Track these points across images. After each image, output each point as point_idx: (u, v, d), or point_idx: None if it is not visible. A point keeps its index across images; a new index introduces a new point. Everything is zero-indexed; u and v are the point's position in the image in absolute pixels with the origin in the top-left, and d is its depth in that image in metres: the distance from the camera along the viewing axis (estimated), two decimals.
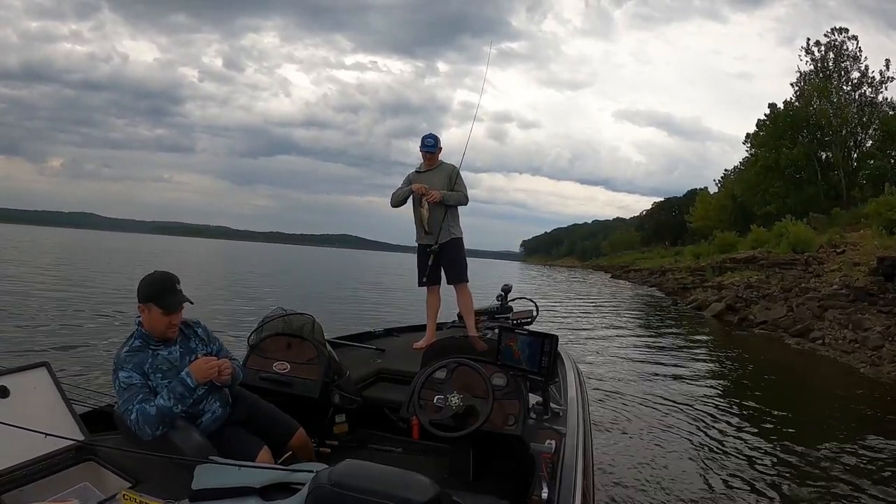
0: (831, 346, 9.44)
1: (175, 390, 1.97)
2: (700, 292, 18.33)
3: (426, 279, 4.13)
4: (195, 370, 2.03)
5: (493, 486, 2.28)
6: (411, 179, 4.13)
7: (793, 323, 11.19)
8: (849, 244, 16.82)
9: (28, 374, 2.05)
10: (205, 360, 2.08)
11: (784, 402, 6.24)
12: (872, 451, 4.58)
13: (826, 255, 16.38)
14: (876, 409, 6.08)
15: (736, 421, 5.41)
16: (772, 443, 4.74)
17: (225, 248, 78.32)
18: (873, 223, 17.51)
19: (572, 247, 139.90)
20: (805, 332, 10.49)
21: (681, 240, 52.36)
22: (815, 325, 10.62)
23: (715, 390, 6.74)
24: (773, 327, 11.65)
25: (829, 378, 8.02)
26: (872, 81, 34.17)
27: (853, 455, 4.45)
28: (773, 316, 12.13)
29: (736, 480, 3.89)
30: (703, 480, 3.88)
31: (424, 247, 4.11)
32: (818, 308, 11.33)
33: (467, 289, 4.14)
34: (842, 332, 9.76)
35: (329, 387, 2.76)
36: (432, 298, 4.19)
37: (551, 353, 2.28)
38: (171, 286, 2.08)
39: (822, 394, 7.12)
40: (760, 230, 24.61)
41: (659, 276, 30.56)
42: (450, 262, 4.11)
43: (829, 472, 4.08)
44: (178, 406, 1.96)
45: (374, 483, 1.25)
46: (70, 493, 1.82)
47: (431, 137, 4.07)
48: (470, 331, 3.95)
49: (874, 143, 33.60)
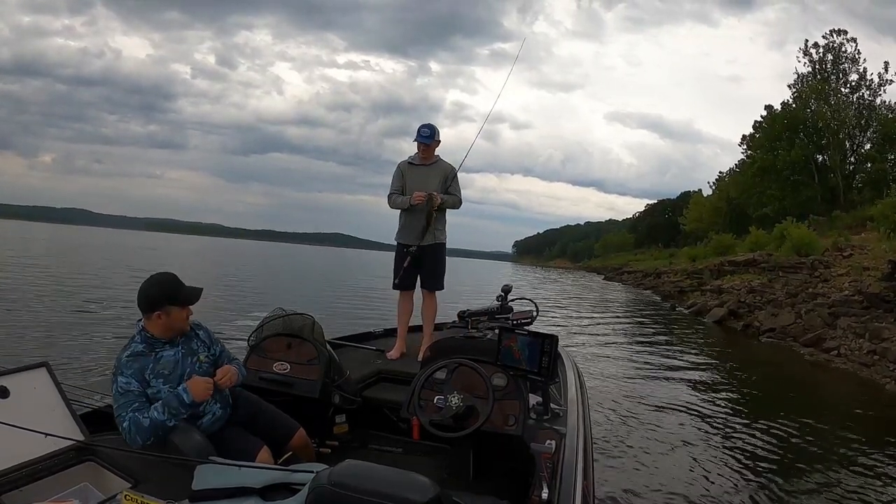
0: (848, 358, 8.87)
1: (170, 404, 1.97)
2: (699, 296, 18.07)
3: (398, 282, 3.85)
4: (193, 389, 2.03)
5: (493, 486, 2.28)
6: (403, 172, 3.83)
7: (803, 331, 10.66)
8: (855, 247, 16.41)
9: (28, 375, 2.04)
10: (205, 381, 2.08)
11: (801, 420, 5.65)
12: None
13: (833, 259, 15.82)
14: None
15: (744, 435, 5.11)
16: (784, 460, 4.47)
17: (217, 246, 77.43)
18: (879, 225, 17.06)
19: (564, 248, 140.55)
20: (817, 342, 9.95)
21: (674, 242, 52.26)
22: (828, 333, 10.08)
23: (721, 402, 6.39)
24: (782, 335, 11.11)
25: (851, 395, 7.22)
26: (871, 84, 34.30)
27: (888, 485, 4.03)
28: (781, 323, 11.59)
29: (743, 494, 3.77)
30: (706, 488, 3.83)
31: (404, 246, 3.82)
32: (829, 315, 10.77)
33: (436, 298, 3.93)
34: (858, 343, 9.19)
35: (329, 387, 2.76)
36: (405, 304, 3.94)
37: (551, 354, 2.28)
38: (178, 281, 2.12)
39: (845, 413, 6.26)
40: (759, 232, 24.20)
41: (654, 279, 30.15)
42: (430, 268, 3.85)
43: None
44: (171, 420, 1.96)
45: (375, 483, 1.25)
46: (70, 493, 1.81)
47: (428, 127, 3.70)
48: (427, 340, 3.71)
49: (873, 146, 33.63)
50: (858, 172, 34.33)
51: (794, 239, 18.51)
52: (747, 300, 14.41)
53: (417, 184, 3.78)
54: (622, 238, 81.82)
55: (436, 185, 3.77)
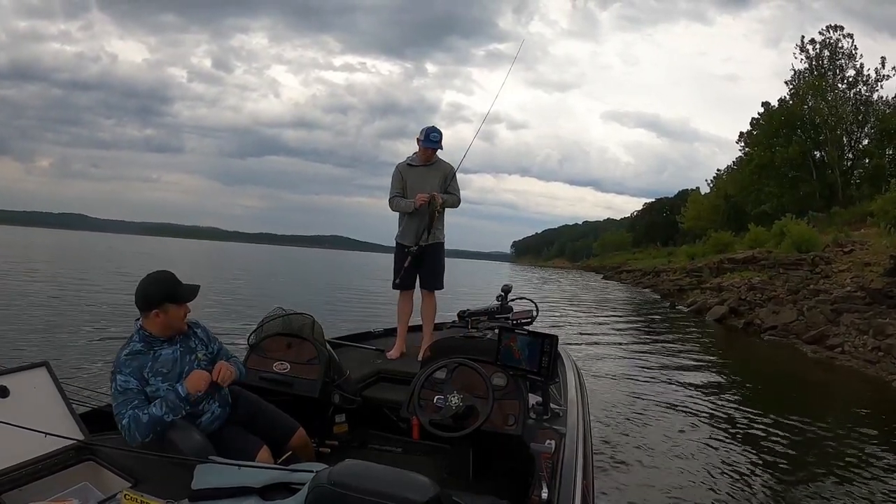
0: (852, 355, 8.74)
1: (168, 399, 1.98)
2: (698, 294, 17.94)
3: (399, 282, 3.83)
4: (188, 381, 2.04)
5: (493, 486, 2.28)
6: (402, 173, 3.79)
7: (806, 328, 10.45)
8: (856, 243, 16.23)
9: (28, 374, 2.04)
10: (200, 373, 2.08)
11: (807, 418, 5.51)
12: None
13: (833, 255, 15.62)
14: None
15: (749, 434, 5.05)
16: (790, 460, 4.40)
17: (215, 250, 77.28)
18: (880, 221, 17.00)
19: (562, 248, 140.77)
20: (820, 339, 9.78)
21: (672, 240, 52.26)
22: (831, 330, 9.92)
23: (724, 401, 6.26)
24: (784, 333, 10.88)
25: (858, 393, 7.09)
26: (868, 80, 34.27)
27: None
28: (783, 320, 11.36)
29: (747, 493, 3.73)
30: (708, 488, 3.79)
31: (404, 246, 3.81)
32: (832, 312, 10.67)
33: (435, 297, 3.92)
34: (862, 339, 9.06)
35: (329, 387, 2.76)
36: (405, 304, 3.93)
37: (551, 354, 2.28)
38: (175, 280, 2.12)
39: (853, 412, 6.09)
40: (759, 229, 24.10)
41: (653, 277, 29.97)
42: (430, 267, 3.83)
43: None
44: (170, 416, 1.97)
45: (374, 483, 1.25)
46: (70, 492, 1.81)
47: (438, 132, 3.67)
48: (427, 339, 3.70)
49: (871, 142, 33.62)
50: (856, 168, 34.35)
51: (794, 235, 18.33)
52: (748, 298, 14.26)
53: (418, 185, 3.75)
54: (620, 237, 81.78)
55: (436, 185, 3.75)
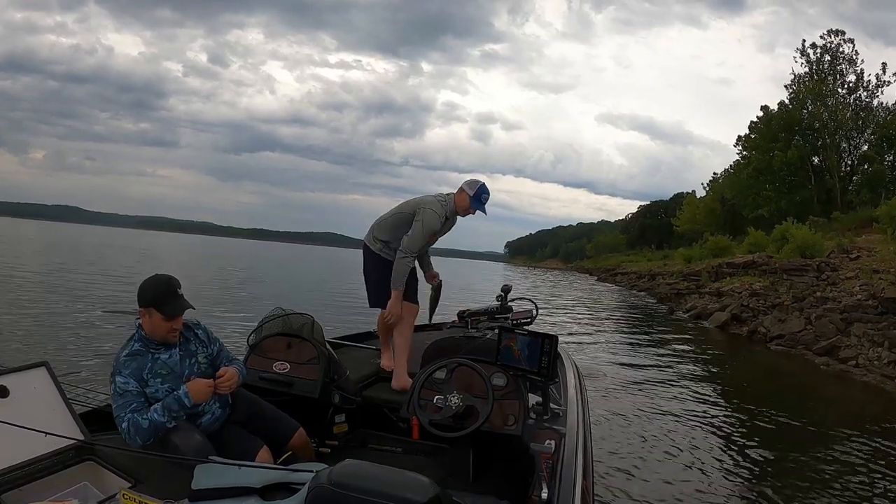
0: (868, 369, 8.41)
1: (171, 407, 1.97)
2: (697, 299, 17.68)
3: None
4: (194, 391, 2.02)
5: (493, 486, 2.28)
6: (441, 224, 3.24)
7: (815, 339, 10.08)
8: (862, 249, 15.87)
9: (28, 374, 2.04)
10: (206, 383, 2.07)
11: (823, 434, 5.28)
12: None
13: (839, 261, 15.18)
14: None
15: (756, 444, 4.90)
16: (800, 474, 4.28)
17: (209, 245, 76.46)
18: (885, 226, 16.64)
19: (556, 249, 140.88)
20: (832, 350, 9.46)
21: (667, 243, 52.18)
22: (843, 341, 9.61)
23: (732, 410, 6.12)
24: (792, 343, 10.51)
25: (885, 412, 6.57)
26: (868, 85, 34.32)
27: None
28: (791, 329, 10.99)
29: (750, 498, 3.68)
30: (711, 492, 3.77)
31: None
32: (841, 321, 10.24)
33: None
34: (876, 351, 8.74)
35: (329, 387, 2.75)
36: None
37: (551, 354, 2.28)
38: (172, 291, 2.05)
39: (877, 431, 5.57)
40: (758, 233, 23.70)
41: (648, 281, 29.60)
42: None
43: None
44: (171, 422, 1.96)
45: (374, 483, 1.25)
46: (70, 492, 1.81)
47: (489, 195, 3.23)
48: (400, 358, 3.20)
49: (871, 147, 33.62)
50: (855, 174, 34.35)
51: (798, 240, 17.76)
52: (750, 304, 13.96)
53: (437, 236, 3.37)
54: (615, 239, 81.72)
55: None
